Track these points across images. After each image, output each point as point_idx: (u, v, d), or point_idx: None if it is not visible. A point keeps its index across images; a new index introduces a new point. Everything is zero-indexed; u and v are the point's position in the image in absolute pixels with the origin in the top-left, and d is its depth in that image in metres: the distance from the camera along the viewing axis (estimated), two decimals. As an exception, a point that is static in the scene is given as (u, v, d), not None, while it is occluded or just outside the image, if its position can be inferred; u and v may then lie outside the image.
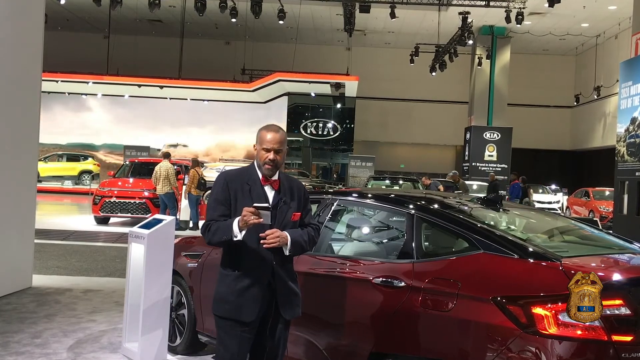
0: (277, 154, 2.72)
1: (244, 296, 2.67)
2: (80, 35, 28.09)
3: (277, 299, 2.72)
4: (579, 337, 2.36)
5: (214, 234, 2.67)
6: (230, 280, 2.70)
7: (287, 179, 2.87)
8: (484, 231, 2.91)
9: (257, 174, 2.78)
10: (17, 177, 5.90)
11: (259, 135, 2.77)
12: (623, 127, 9.72)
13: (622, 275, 2.58)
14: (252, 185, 2.74)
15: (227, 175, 2.80)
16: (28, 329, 4.52)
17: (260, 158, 2.74)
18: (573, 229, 3.62)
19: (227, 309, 2.68)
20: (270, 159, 2.71)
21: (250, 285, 2.67)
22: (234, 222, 2.62)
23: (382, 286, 2.93)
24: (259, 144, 2.75)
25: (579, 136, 29.08)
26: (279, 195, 2.76)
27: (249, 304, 2.66)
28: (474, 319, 2.57)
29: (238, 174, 2.80)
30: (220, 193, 2.73)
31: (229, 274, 2.72)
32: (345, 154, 26.73)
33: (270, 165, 2.72)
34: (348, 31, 21.10)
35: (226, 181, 2.75)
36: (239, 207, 2.67)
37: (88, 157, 23.62)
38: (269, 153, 2.71)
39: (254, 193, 2.72)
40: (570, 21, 23.20)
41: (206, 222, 2.74)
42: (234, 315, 2.67)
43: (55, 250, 8.68)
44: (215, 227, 2.68)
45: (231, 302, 2.67)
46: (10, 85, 5.68)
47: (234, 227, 2.61)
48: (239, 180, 2.75)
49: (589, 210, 17.82)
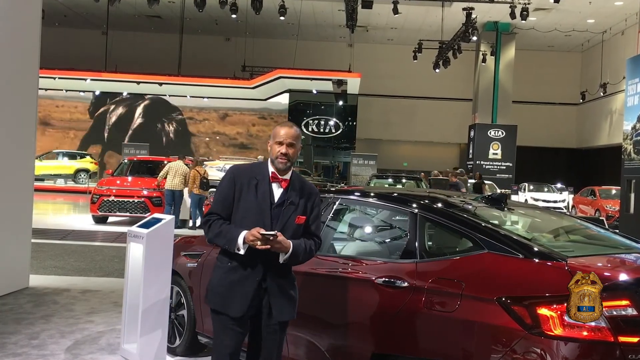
0: (289, 147, 2.71)
1: (233, 290, 2.67)
2: (78, 32, 28.09)
3: (269, 300, 2.70)
4: (585, 339, 2.34)
5: (217, 237, 2.70)
6: (222, 272, 2.73)
7: (300, 181, 2.82)
8: (488, 230, 2.88)
9: (268, 170, 2.76)
10: (14, 176, 5.86)
11: (273, 132, 2.79)
12: (630, 124, 9.65)
13: (628, 276, 2.54)
14: (259, 180, 2.72)
15: (236, 169, 2.81)
16: (25, 330, 4.49)
17: (272, 152, 2.73)
18: (579, 229, 3.59)
19: (216, 300, 2.71)
20: (283, 152, 2.70)
21: (240, 280, 2.67)
22: (239, 236, 2.61)
23: (385, 286, 2.91)
24: (273, 138, 2.76)
25: (584, 134, 28.96)
26: (286, 195, 2.73)
27: (237, 298, 2.66)
28: (477, 320, 2.54)
29: (247, 169, 2.80)
30: (225, 187, 2.75)
31: (223, 266, 2.74)
32: (348, 152, 26.69)
33: (283, 159, 2.71)
34: (350, 27, 21.00)
35: (233, 175, 2.76)
36: (242, 201, 2.68)
37: (85, 155, 23.48)
38: (281, 146, 2.70)
39: (260, 189, 2.70)
40: (576, 17, 23.05)
41: (208, 214, 2.76)
42: (221, 308, 2.68)
43: (52, 249, 8.63)
44: (217, 229, 2.69)
45: (220, 294, 2.69)
46: (7, 82, 5.64)
47: (239, 242, 2.61)
48: (247, 174, 2.74)
49: (595, 209, 17.73)
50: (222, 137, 27.75)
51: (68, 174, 22.46)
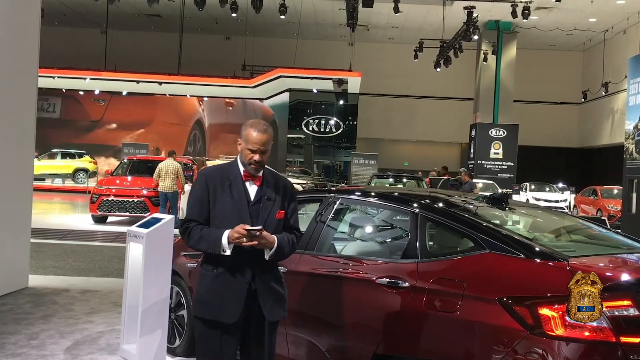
0: (262, 154, 2.66)
1: (225, 297, 2.61)
2: (78, 31, 28.03)
3: (259, 301, 2.65)
4: (587, 339, 2.34)
5: (199, 242, 2.63)
6: (209, 280, 2.65)
7: (272, 175, 2.78)
8: (490, 230, 2.87)
9: (239, 169, 2.71)
10: (13, 175, 5.84)
11: (245, 133, 2.67)
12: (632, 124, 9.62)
13: (630, 276, 2.54)
14: (232, 180, 2.67)
15: (207, 172, 2.75)
16: (24, 330, 4.47)
17: (244, 157, 2.67)
18: (580, 228, 3.59)
19: (207, 310, 2.62)
20: (256, 160, 2.65)
21: (229, 285, 2.61)
22: (223, 236, 2.56)
23: (386, 286, 2.90)
24: (245, 142, 2.66)
25: (586, 133, 28.90)
26: (262, 191, 2.69)
27: (230, 304, 2.60)
28: (479, 320, 2.53)
29: (218, 170, 2.75)
30: (198, 191, 2.68)
31: (208, 274, 2.67)
32: (348, 152, 26.65)
33: (256, 165, 2.67)
34: (351, 26, 20.95)
35: (205, 178, 2.69)
36: (217, 203, 2.64)
37: (84, 155, 23.36)
38: (254, 154, 2.64)
39: (234, 189, 2.66)
40: (578, 16, 23.00)
41: (185, 221, 2.70)
42: (214, 316, 2.61)
43: (51, 249, 8.61)
44: (197, 234, 2.63)
45: (211, 303, 2.62)
46: (6, 81, 5.62)
47: (223, 242, 2.56)
48: (218, 176, 2.69)
49: (596, 209, 17.70)
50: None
51: (66, 174, 22.39)
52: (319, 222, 3.46)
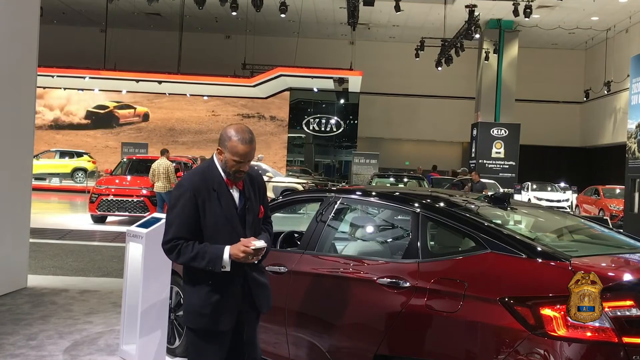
0: (248, 163, 2.63)
1: (220, 308, 2.59)
2: (77, 29, 28.03)
3: (253, 297, 2.67)
4: (589, 339, 2.33)
5: (193, 260, 2.51)
6: (204, 294, 2.58)
7: (247, 175, 2.74)
8: (491, 230, 2.86)
9: (221, 175, 2.63)
10: (12, 175, 5.82)
11: (229, 143, 2.55)
12: (634, 123, 9.61)
13: (632, 276, 2.53)
14: (218, 189, 2.61)
15: (190, 184, 2.58)
16: (23, 331, 4.46)
17: (229, 166, 2.59)
18: (582, 228, 3.58)
19: (204, 321, 2.59)
20: (243, 170, 2.62)
21: (224, 295, 2.60)
22: (224, 254, 2.50)
23: (387, 287, 2.89)
24: (229, 152, 2.55)
25: (588, 132, 28.85)
26: (245, 195, 2.67)
27: (226, 314, 2.60)
28: (480, 321, 2.53)
29: (201, 180, 2.61)
30: (187, 208, 2.54)
31: (202, 287, 2.59)
32: (349, 151, 26.64)
33: (240, 175, 2.64)
34: (352, 25, 20.92)
35: (192, 192, 2.55)
36: (207, 215, 2.56)
37: (83, 154, 23.34)
38: (241, 165, 2.59)
39: (222, 198, 2.60)
40: (580, 14, 22.95)
41: (172, 238, 2.53)
42: (211, 326, 2.59)
43: (50, 249, 8.59)
44: (190, 252, 2.51)
45: (207, 315, 2.58)
46: (5, 80, 5.61)
47: (224, 258, 2.50)
48: (204, 186, 2.59)
49: (599, 208, 17.67)
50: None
51: (65, 173, 22.36)
52: (319, 222, 3.45)
